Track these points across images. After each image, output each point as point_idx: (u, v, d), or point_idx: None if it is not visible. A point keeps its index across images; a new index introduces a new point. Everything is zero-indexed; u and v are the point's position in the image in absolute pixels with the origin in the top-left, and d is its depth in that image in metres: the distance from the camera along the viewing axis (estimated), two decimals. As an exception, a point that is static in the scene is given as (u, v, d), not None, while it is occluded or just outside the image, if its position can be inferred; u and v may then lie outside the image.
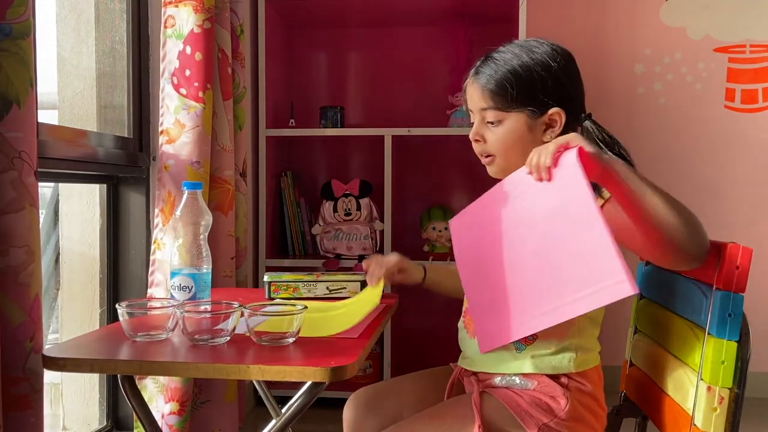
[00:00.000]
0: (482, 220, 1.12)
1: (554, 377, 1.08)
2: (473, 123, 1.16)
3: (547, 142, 1.09)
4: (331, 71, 2.78)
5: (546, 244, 0.96)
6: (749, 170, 2.63)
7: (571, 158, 0.91)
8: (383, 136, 2.31)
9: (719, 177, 2.65)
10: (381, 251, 2.36)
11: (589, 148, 0.92)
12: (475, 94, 1.14)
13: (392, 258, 1.28)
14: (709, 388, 0.93)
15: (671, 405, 1.05)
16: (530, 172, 0.98)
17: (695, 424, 0.95)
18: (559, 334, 1.08)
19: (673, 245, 0.92)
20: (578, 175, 0.89)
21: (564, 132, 1.10)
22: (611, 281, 0.85)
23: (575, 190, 0.90)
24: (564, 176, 0.93)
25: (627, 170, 0.93)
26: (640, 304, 1.25)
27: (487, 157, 1.15)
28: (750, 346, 0.93)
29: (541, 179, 0.96)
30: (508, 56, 1.11)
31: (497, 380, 1.11)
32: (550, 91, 1.09)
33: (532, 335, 1.08)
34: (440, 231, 2.44)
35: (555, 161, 0.94)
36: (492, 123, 1.12)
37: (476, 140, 1.15)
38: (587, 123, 1.10)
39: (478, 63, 1.15)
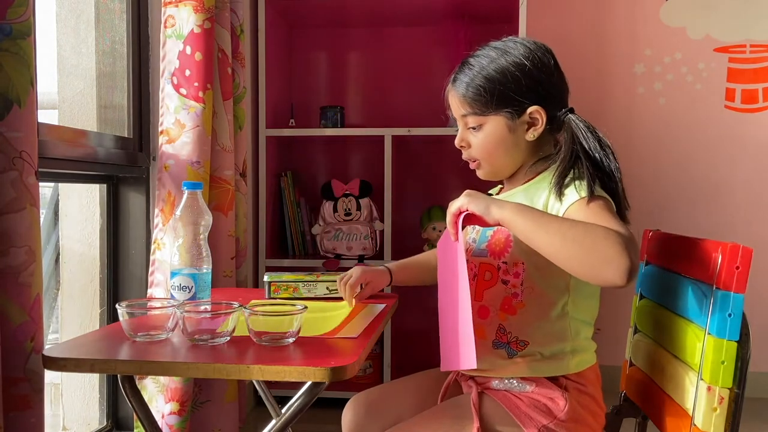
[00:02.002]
0: (445, 248, 1.12)
1: (552, 379, 1.08)
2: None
3: (531, 140, 1.11)
4: (331, 71, 2.78)
5: (457, 294, 1.01)
6: (749, 170, 2.63)
7: (460, 232, 0.99)
8: (383, 136, 2.30)
9: (719, 177, 2.65)
10: (381, 251, 2.36)
11: (476, 208, 0.97)
12: (454, 101, 1.16)
13: (354, 274, 1.30)
14: (709, 388, 0.93)
15: (671, 405, 1.05)
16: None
17: (695, 424, 0.95)
18: (553, 339, 1.08)
19: (576, 276, 0.93)
20: (461, 255, 0.98)
21: (550, 128, 1.10)
22: (467, 358, 0.94)
23: (461, 264, 0.98)
24: (460, 243, 1.00)
25: (517, 217, 0.95)
26: (640, 304, 1.25)
27: (474, 162, 1.17)
28: (750, 346, 0.93)
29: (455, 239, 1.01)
30: (484, 61, 1.12)
31: (495, 383, 1.11)
32: (525, 90, 1.09)
33: (523, 341, 1.08)
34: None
35: (455, 227, 1.00)
36: (474, 128, 1.13)
37: (462, 146, 1.17)
38: (570, 117, 1.09)
39: (456, 70, 1.17)
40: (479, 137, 1.13)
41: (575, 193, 1.00)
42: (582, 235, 0.89)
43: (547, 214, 0.97)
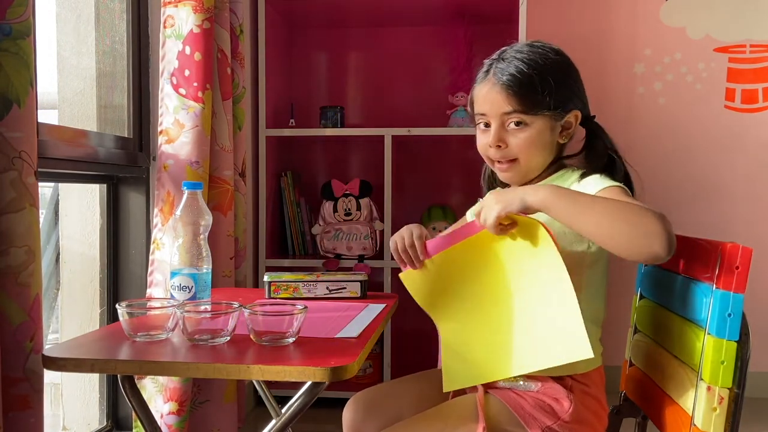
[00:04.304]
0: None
1: (558, 379, 1.07)
2: (489, 127, 1.11)
3: (563, 144, 1.13)
4: (331, 71, 2.78)
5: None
6: (749, 170, 2.63)
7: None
8: (383, 136, 2.31)
9: (719, 177, 2.64)
10: (381, 251, 2.36)
11: (515, 208, 0.95)
12: (498, 98, 1.08)
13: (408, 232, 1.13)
14: (709, 388, 0.93)
15: (671, 405, 1.05)
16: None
17: (695, 424, 0.95)
18: None
19: (619, 253, 0.92)
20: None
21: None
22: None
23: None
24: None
25: (555, 200, 0.94)
26: (640, 304, 1.25)
27: (508, 162, 1.12)
28: (750, 346, 0.93)
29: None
30: (534, 59, 1.08)
31: (500, 381, 1.11)
32: (575, 92, 1.11)
33: None
34: (440, 231, 2.43)
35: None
36: (517, 127, 1.08)
37: (498, 146, 1.11)
38: (595, 125, 1.13)
39: (494, 66, 1.10)
40: (521, 137, 1.08)
41: (600, 181, 1.03)
42: (625, 211, 0.91)
43: (581, 194, 0.97)
